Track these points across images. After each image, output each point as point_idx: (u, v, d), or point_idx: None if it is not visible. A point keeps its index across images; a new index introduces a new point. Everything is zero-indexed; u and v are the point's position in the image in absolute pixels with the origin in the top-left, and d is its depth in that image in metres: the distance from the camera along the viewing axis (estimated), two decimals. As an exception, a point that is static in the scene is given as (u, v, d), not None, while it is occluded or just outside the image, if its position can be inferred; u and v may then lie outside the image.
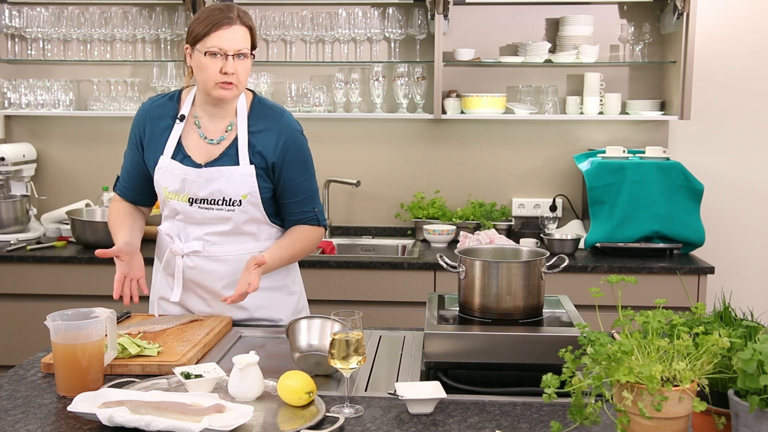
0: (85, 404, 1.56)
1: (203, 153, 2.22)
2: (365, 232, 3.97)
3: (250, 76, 3.79)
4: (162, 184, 2.23)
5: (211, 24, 2.10)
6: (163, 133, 2.24)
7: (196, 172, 2.18)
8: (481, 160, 3.94)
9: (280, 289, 2.33)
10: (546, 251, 1.95)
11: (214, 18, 2.11)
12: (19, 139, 4.03)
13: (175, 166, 2.20)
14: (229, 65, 2.10)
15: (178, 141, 2.23)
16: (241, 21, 2.13)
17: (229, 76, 2.11)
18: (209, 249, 2.24)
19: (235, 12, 2.13)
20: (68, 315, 1.74)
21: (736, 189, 3.90)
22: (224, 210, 2.20)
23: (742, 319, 1.52)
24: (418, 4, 3.77)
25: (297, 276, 2.43)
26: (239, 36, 2.12)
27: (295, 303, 2.37)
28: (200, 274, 2.25)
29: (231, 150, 2.20)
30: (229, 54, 2.10)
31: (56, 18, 3.84)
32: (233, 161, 2.19)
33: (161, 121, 2.25)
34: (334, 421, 1.55)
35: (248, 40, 2.15)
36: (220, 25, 2.10)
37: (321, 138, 3.95)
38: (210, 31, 2.10)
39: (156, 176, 2.24)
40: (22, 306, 3.44)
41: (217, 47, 2.10)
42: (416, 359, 1.99)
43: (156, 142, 2.24)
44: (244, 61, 2.14)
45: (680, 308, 1.64)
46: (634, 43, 3.78)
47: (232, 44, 2.10)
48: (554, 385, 1.40)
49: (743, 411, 1.27)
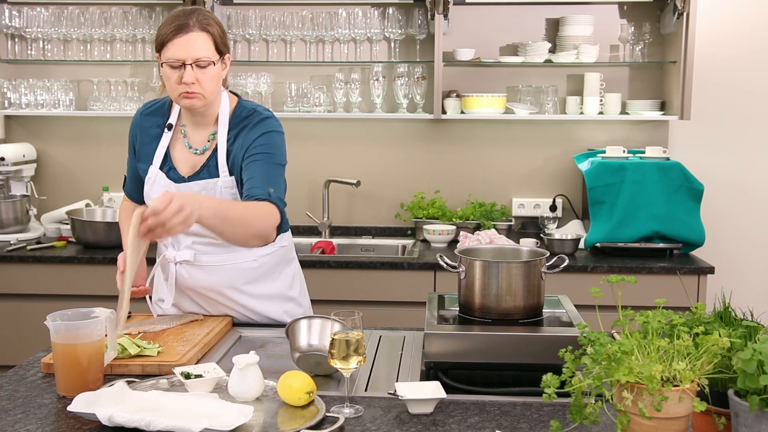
0: (85, 404, 1.56)
1: (188, 164, 2.19)
2: (365, 232, 3.97)
3: (250, 75, 3.82)
4: (151, 195, 2.21)
5: (169, 30, 2.02)
6: (152, 141, 2.22)
7: (177, 187, 2.15)
8: (481, 160, 3.94)
9: (275, 297, 2.31)
10: (546, 251, 1.95)
11: (172, 23, 2.02)
12: (19, 139, 4.03)
13: (161, 177, 2.19)
14: (188, 75, 2.02)
15: (166, 151, 2.20)
16: (200, 27, 2.03)
17: (190, 86, 2.03)
18: (200, 258, 2.21)
19: (195, 17, 2.03)
20: (68, 315, 1.74)
21: (736, 189, 3.90)
22: None
23: (742, 319, 1.52)
24: (418, 4, 3.77)
25: (296, 281, 2.40)
26: (198, 43, 2.02)
27: (291, 309, 2.34)
28: (194, 282, 2.24)
29: (212, 161, 2.16)
30: (187, 63, 2.02)
31: (56, 18, 3.84)
32: (214, 173, 2.15)
33: (151, 130, 2.23)
34: (334, 421, 1.55)
35: (210, 46, 2.04)
36: (176, 33, 2.01)
37: (321, 138, 3.95)
38: (167, 39, 2.02)
39: (146, 186, 2.23)
40: (22, 306, 3.44)
41: (174, 57, 2.02)
42: (416, 359, 1.99)
43: (146, 150, 2.23)
44: (207, 69, 2.04)
45: (680, 308, 1.63)
46: (634, 43, 3.78)
47: (189, 53, 2.01)
48: (554, 385, 1.40)
49: (743, 411, 1.27)
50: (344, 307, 2.37)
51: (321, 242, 3.70)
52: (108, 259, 3.37)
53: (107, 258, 3.37)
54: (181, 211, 1.70)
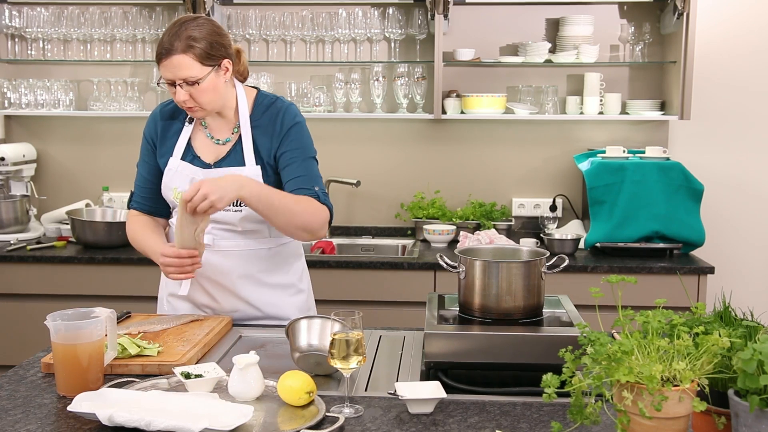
0: (85, 404, 1.56)
1: (211, 153, 2.24)
2: (365, 232, 3.97)
3: (250, 75, 3.80)
4: (171, 185, 2.24)
5: (157, 53, 2.10)
6: (174, 135, 2.27)
7: (204, 172, 2.20)
8: (481, 160, 3.95)
9: (288, 287, 2.34)
10: (546, 251, 1.95)
11: (159, 46, 2.09)
12: (19, 139, 4.04)
13: (184, 166, 2.23)
14: (179, 94, 2.09)
15: (187, 142, 2.25)
16: (182, 48, 2.05)
17: (185, 103, 2.11)
18: (218, 243, 2.25)
19: (179, 39, 2.05)
20: (68, 315, 1.74)
21: (736, 189, 3.90)
22: (231, 210, 2.21)
23: (742, 319, 1.52)
24: (418, 4, 3.77)
25: (305, 275, 2.44)
26: (183, 64, 2.06)
27: (303, 301, 2.38)
28: (209, 268, 2.25)
29: (237, 149, 2.22)
30: (176, 83, 2.08)
31: (56, 18, 3.84)
32: (240, 161, 2.21)
33: (172, 124, 2.28)
34: (334, 421, 1.55)
35: (194, 65, 2.07)
36: (160, 57, 2.08)
37: (321, 138, 3.90)
38: (157, 60, 2.10)
39: (165, 178, 2.25)
40: (22, 306, 3.44)
41: (164, 78, 2.11)
42: (416, 359, 1.99)
43: (168, 143, 2.27)
44: (197, 86, 2.08)
45: (680, 308, 1.63)
46: (634, 43, 3.78)
47: (175, 74, 2.07)
48: (554, 385, 1.40)
49: (743, 411, 1.27)
50: (344, 307, 2.37)
51: (321, 242, 3.70)
52: (108, 259, 3.37)
53: (107, 258, 3.37)
54: (206, 198, 1.94)
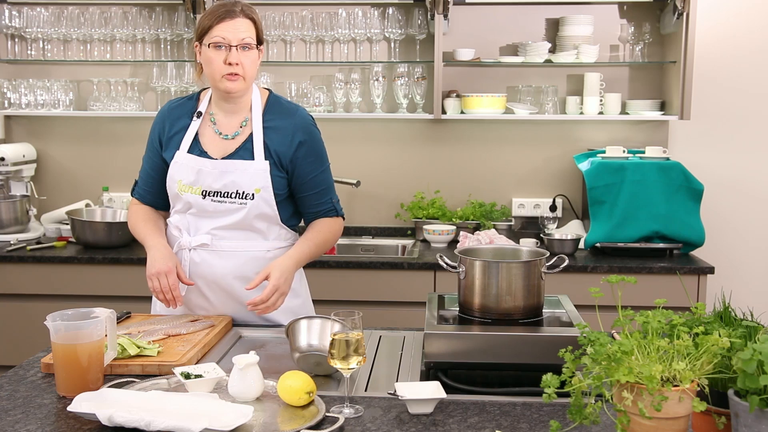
0: (85, 404, 1.56)
1: (219, 148, 2.26)
2: (365, 232, 3.97)
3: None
4: (176, 178, 2.25)
5: (215, 17, 2.17)
6: (181, 130, 2.29)
7: (212, 164, 2.22)
8: (481, 160, 3.94)
9: (296, 297, 2.33)
10: (546, 251, 1.95)
11: (217, 11, 2.18)
12: (19, 139, 4.03)
13: (190, 159, 2.24)
14: (233, 55, 2.16)
15: (194, 137, 2.27)
16: (245, 14, 2.19)
17: (233, 67, 2.16)
18: (217, 243, 2.25)
19: (239, 6, 2.20)
20: (68, 315, 1.75)
21: (735, 189, 3.90)
22: (236, 203, 2.22)
23: (742, 319, 1.52)
24: (418, 4, 3.77)
25: (303, 279, 2.43)
26: (242, 27, 2.17)
27: (299, 306, 2.36)
28: (206, 269, 2.26)
29: (247, 144, 2.24)
30: (232, 45, 2.15)
31: (56, 18, 3.84)
32: (249, 156, 2.23)
33: (180, 120, 2.30)
34: (334, 421, 1.55)
35: (252, 31, 2.20)
36: (223, 17, 2.17)
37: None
38: (214, 23, 2.17)
39: (170, 171, 2.26)
40: (22, 306, 3.44)
41: (220, 37, 2.16)
42: (416, 359, 1.99)
43: (175, 138, 2.28)
44: (249, 52, 2.19)
45: (680, 308, 1.64)
46: (634, 43, 3.78)
47: (235, 34, 2.16)
48: (554, 385, 1.40)
49: (743, 411, 1.27)
50: (344, 307, 2.37)
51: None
52: (108, 259, 3.37)
53: (107, 258, 3.37)
54: (277, 290, 2.11)
